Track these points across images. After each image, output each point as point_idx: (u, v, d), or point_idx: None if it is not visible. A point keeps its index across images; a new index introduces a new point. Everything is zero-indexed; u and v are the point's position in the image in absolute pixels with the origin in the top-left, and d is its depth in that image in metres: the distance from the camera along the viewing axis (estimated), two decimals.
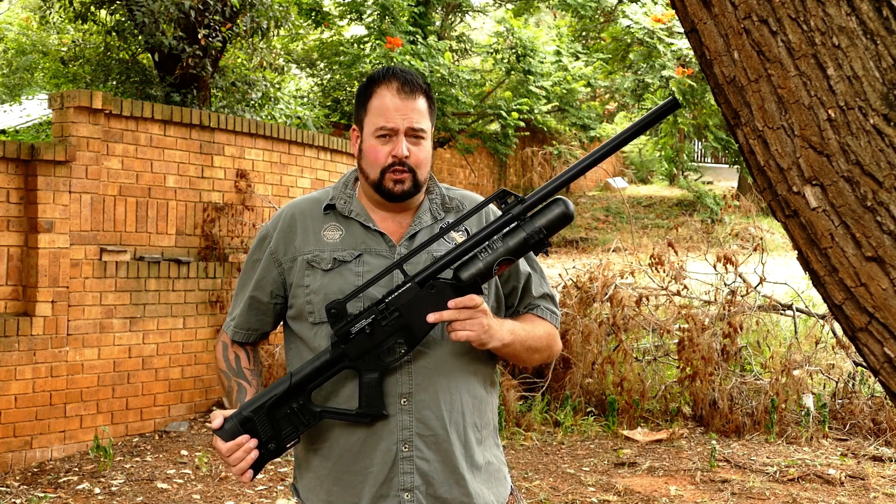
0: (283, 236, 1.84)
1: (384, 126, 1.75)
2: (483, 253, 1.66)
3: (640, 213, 18.09)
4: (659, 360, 6.85)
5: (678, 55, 14.28)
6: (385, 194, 1.78)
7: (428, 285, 1.67)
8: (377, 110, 1.77)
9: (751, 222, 8.09)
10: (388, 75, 1.79)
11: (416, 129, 1.76)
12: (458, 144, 15.91)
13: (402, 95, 1.76)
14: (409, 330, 1.67)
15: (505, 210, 1.67)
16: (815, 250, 1.36)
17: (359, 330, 1.68)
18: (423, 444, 1.74)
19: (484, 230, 1.68)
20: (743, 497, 4.69)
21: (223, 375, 1.91)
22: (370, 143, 1.78)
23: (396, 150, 1.75)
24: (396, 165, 1.75)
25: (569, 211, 1.66)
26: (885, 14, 1.28)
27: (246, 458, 1.68)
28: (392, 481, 1.73)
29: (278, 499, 4.62)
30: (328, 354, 1.70)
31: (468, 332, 1.66)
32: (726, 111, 1.42)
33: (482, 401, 1.82)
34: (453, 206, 1.87)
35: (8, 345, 4.93)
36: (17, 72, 12.79)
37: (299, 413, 1.70)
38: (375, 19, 14.94)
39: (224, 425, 1.69)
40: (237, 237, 6.33)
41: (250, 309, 1.88)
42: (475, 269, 1.66)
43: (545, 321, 1.88)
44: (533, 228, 1.64)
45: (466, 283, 1.66)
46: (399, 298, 1.67)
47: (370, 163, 1.78)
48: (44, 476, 4.88)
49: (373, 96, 1.79)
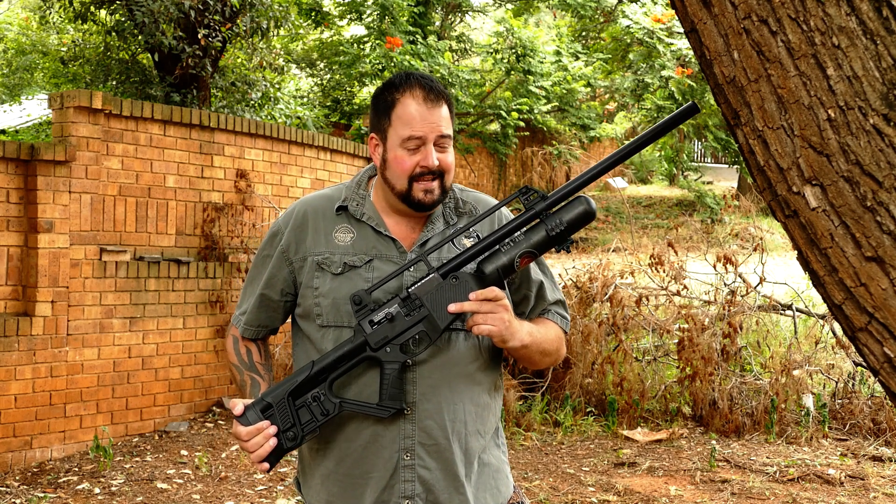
0: (295, 235, 1.83)
1: (412, 136, 1.71)
2: (505, 248, 1.69)
3: (640, 213, 18.08)
4: (659, 360, 6.85)
5: (678, 55, 14.28)
6: (414, 204, 1.75)
7: (451, 276, 1.68)
8: (403, 119, 1.72)
9: (751, 222, 8.09)
10: (411, 82, 1.74)
11: (444, 136, 1.74)
12: (458, 144, 15.91)
13: (428, 104, 1.72)
14: (431, 321, 1.68)
15: (527, 206, 1.68)
16: (814, 250, 1.36)
17: (381, 318, 1.68)
18: (425, 453, 1.74)
19: (506, 226, 1.69)
20: (743, 497, 4.69)
21: (235, 370, 1.90)
22: (397, 154, 1.73)
23: (427, 161, 1.72)
24: (427, 174, 1.73)
25: (591, 208, 1.68)
26: (885, 14, 1.28)
27: (265, 445, 1.67)
28: (393, 488, 1.73)
29: (278, 499, 4.62)
30: (351, 343, 1.70)
31: (490, 327, 1.65)
32: (726, 111, 1.42)
33: (485, 407, 1.82)
34: (466, 211, 1.85)
35: (8, 345, 4.93)
36: (17, 72, 12.80)
37: (320, 402, 1.70)
38: (375, 19, 14.95)
39: (245, 412, 1.69)
40: (237, 237, 6.33)
41: (260, 306, 1.88)
42: (498, 262, 1.68)
43: (556, 325, 1.88)
44: (554, 223, 1.67)
45: (489, 276, 1.68)
46: (422, 288, 1.68)
47: (397, 173, 1.74)
48: (44, 476, 4.88)
49: (396, 104, 1.74)
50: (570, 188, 1.69)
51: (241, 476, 4.94)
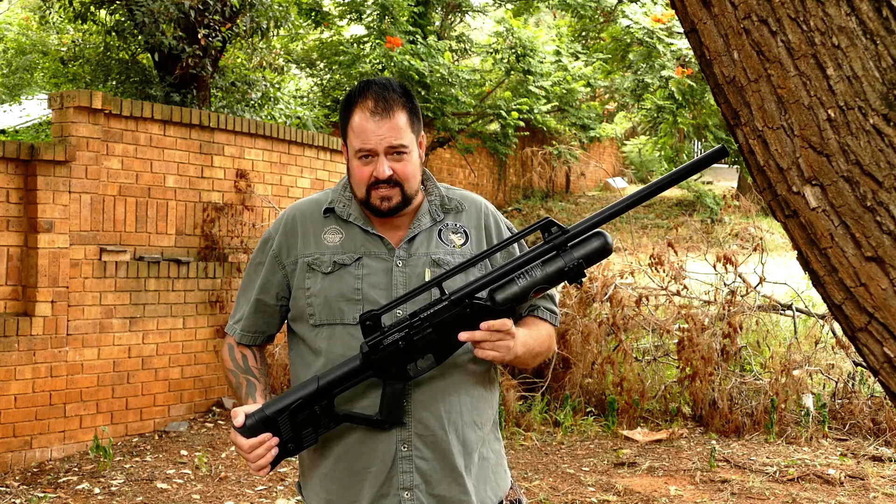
0: (286, 239, 1.86)
1: (362, 148, 1.76)
2: (520, 278, 1.70)
3: (640, 213, 18.09)
4: (659, 360, 6.85)
5: (678, 55, 14.28)
6: (374, 211, 1.80)
7: (463, 305, 1.70)
8: (355, 132, 1.77)
9: (750, 222, 8.09)
10: (363, 93, 1.77)
11: (395, 147, 1.76)
12: (458, 144, 15.91)
13: (376, 118, 1.75)
14: (439, 346, 1.71)
15: (547, 240, 1.70)
16: (814, 250, 1.36)
17: (391, 342, 1.70)
18: (422, 444, 1.76)
19: (524, 255, 1.72)
20: (742, 497, 4.69)
21: (231, 374, 1.92)
22: (354, 164, 1.79)
23: (377, 172, 1.75)
24: (382, 183, 1.76)
25: (608, 245, 1.70)
26: (885, 14, 1.28)
27: (266, 456, 1.71)
28: (392, 480, 1.75)
29: (278, 499, 4.62)
30: (357, 361, 1.72)
31: (494, 353, 1.70)
32: (726, 111, 1.42)
33: (481, 399, 1.84)
34: (452, 207, 1.90)
35: (8, 345, 4.93)
36: (17, 72, 12.79)
37: (321, 416, 1.72)
38: (375, 19, 14.95)
39: (246, 422, 1.71)
40: (237, 237, 6.33)
41: (257, 312, 1.90)
42: (510, 292, 1.70)
43: (546, 322, 1.91)
44: (571, 259, 1.68)
45: (501, 306, 1.69)
46: (434, 316, 1.70)
47: (356, 182, 1.80)
48: (43, 476, 4.88)
49: (351, 117, 1.78)
50: (591, 223, 1.71)
51: (241, 476, 4.94)
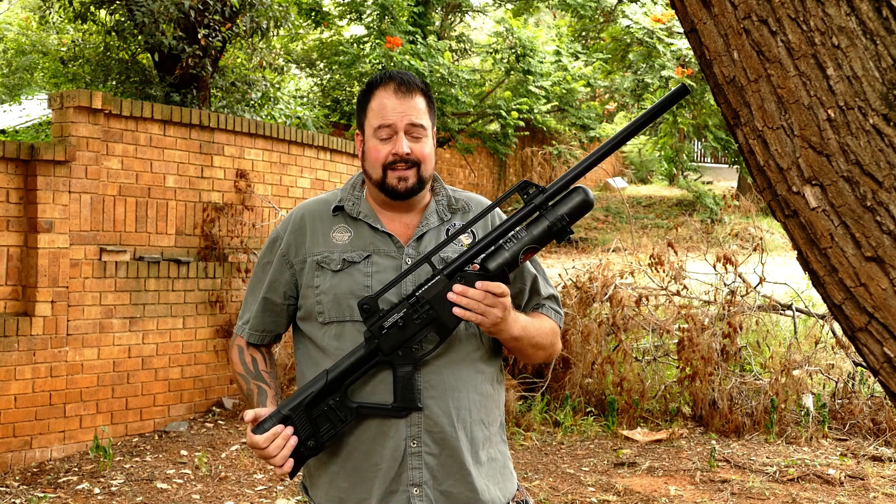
0: (294, 238, 1.87)
1: (382, 124, 1.78)
2: (508, 243, 1.71)
3: (640, 213, 18.08)
4: (659, 360, 6.85)
5: (678, 55, 14.27)
6: (389, 192, 1.81)
7: (457, 276, 1.70)
8: (375, 111, 1.80)
9: (750, 222, 8.09)
10: (385, 77, 1.82)
11: (415, 125, 1.79)
12: (458, 144, 15.90)
13: (398, 95, 1.79)
14: (440, 322, 1.71)
15: (527, 200, 1.71)
16: (814, 250, 1.36)
17: (391, 324, 1.71)
18: (431, 440, 1.76)
19: (507, 221, 1.72)
20: (742, 497, 4.69)
21: (241, 379, 1.92)
22: (371, 144, 1.81)
23: (397, 148, 1.78)
24: (399, 162, 1.78)
25: (588, 198, 1.71)
26: (885, 14, 1.28)
27: (286, 447, 1.70)
28: (401, 476, 1.76)
29: (278, 499, 4.62)
30: (363, 350, 1.72)
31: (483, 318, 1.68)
32: (726, 111, 1.42)
33: (489, 398, 1.85)
34: (459, 208, 1.91)
35: (8, 345, 4.93)
36: (17, 72, 12.80)
37: (336, 409, 1.72)
38: (375, 19, 14.94)
39: (264, 424, 1.71)
40: (237, 237, 6.33)
41: (264, 311, 1.90)
42: (502, 258, 1.70)
43: (551, 319, 1.93)
44: (555, 216, 1.70)
45: (494, 272, 1.70)
46: (429, 291, 1.71)
47: (372, 162, 1.81)
48: (43, 476, 4.88)
49: (371, 99, 1.82)
50: (567, 178, 1.72)
51: (241, 476, 4.94)
